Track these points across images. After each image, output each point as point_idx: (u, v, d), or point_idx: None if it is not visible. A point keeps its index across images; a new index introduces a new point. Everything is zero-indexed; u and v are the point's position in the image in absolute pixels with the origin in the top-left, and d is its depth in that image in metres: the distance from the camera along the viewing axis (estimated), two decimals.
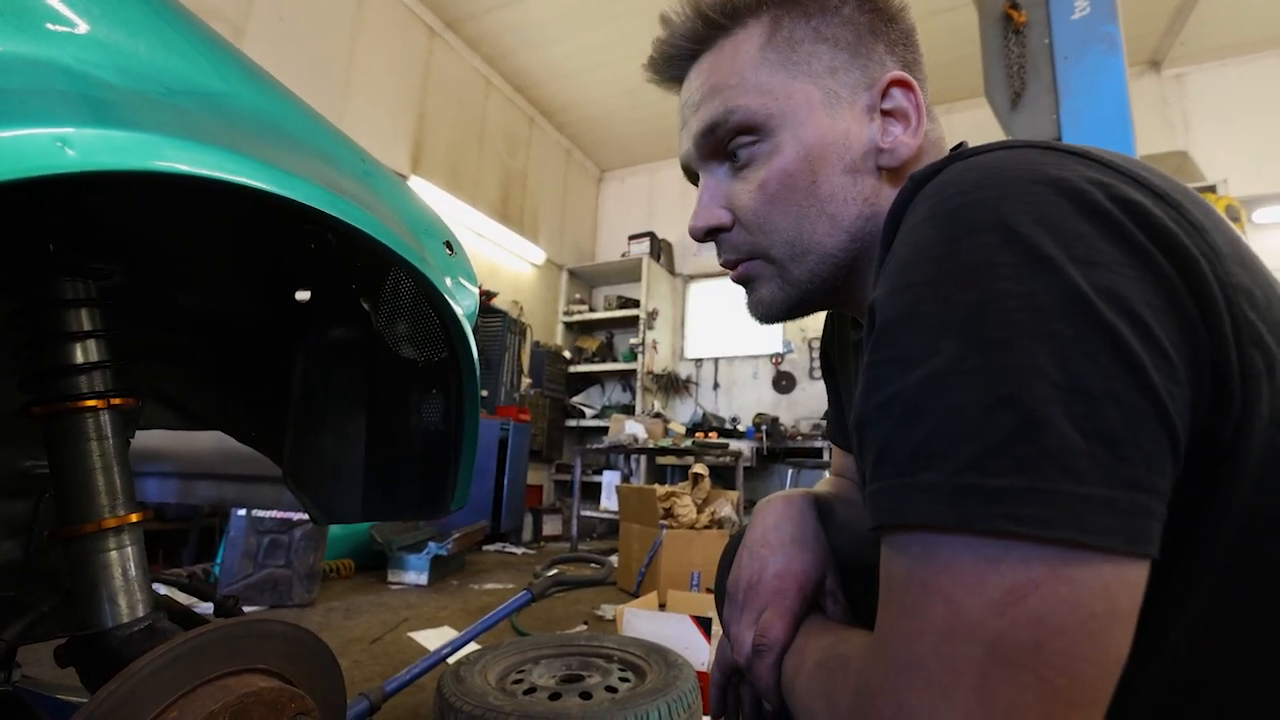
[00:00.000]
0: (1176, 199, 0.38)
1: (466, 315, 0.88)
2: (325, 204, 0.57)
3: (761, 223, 0.57)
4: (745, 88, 0.55)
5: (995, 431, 0.32)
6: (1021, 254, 0.34)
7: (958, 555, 0.32)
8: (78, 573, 0.62)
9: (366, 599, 2.65)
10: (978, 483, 0.32)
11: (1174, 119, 4.84)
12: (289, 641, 0.69)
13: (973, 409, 0.33)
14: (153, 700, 0.55)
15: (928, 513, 0.33)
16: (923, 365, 0.35)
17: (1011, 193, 0.37)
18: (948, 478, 0.33)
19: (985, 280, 0.35)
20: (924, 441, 0.34)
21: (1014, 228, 0.35)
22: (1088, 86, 2.37)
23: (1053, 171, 0.37)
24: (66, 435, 0.63)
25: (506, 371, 4.94)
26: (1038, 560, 0.31)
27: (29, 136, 0.37)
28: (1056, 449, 0.31)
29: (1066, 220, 0.35)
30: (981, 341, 0.34)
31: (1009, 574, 0.31)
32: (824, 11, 0.55)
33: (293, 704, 0.65)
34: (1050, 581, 0.30)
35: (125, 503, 0.64)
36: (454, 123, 4.99)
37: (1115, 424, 0.32)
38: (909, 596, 0.34)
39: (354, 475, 1.05)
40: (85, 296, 0.66)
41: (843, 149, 0.54)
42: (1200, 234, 0.36)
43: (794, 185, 0.55)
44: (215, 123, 0.52)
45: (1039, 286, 0.33)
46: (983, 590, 0.31)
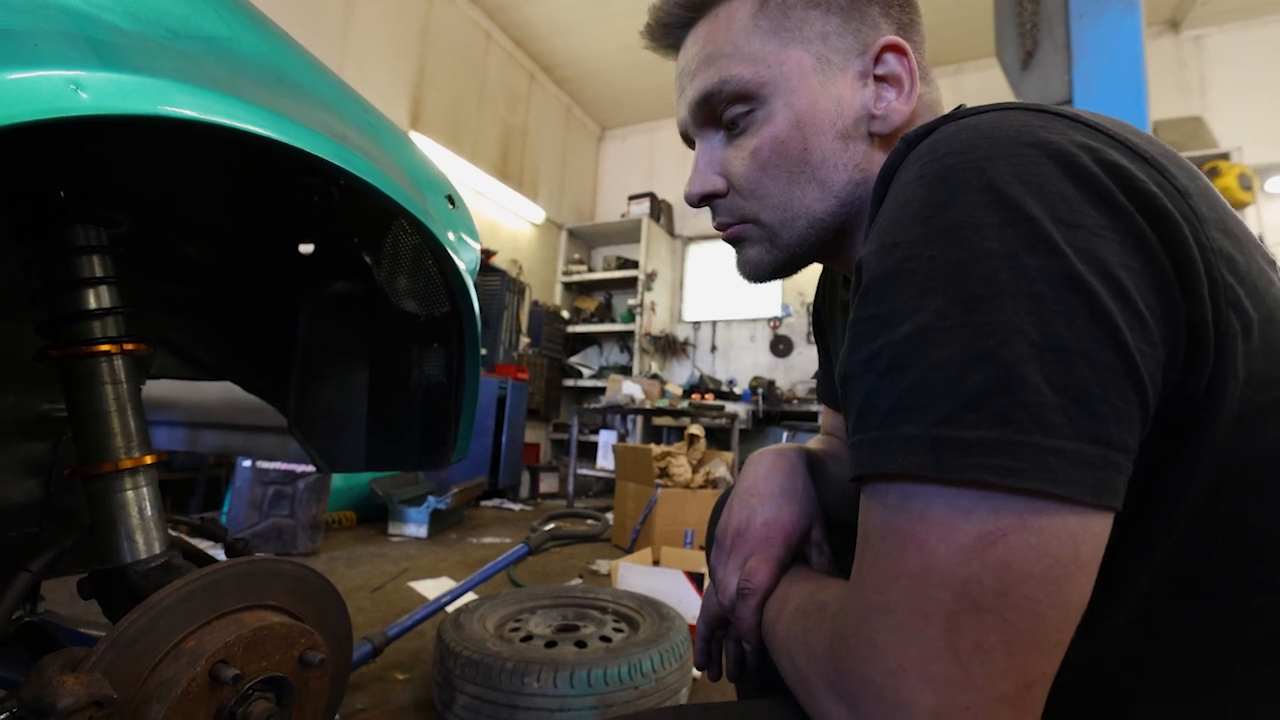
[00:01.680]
0: (1163, 164, 0.39)
1: (468, 269, 0.89)
2: (331, 154, 0.57)
3: (754, 188, 0.58)
4: (739, 56, 0.56)
5: (973, 386, 0.33)
6: (1005, 214, 0.35)
7: (931, 504, 0.34)
8: (97, 510, 0.64)
9: (368, 549, 2.71)
10: (954, 434, 0.33)
11: (1190, 82, 4.66)
12: (298, 581, 0.73)
13: (953, 364, 0.34)
14: (172, 630, 0.59)
15: (905, 462, 0.34)
16: (907, 321, 0.36)
17: (999, 154, 0.37)
18: (926, 429, 0.34)
19: (970, 239, 0.35)
20: (905, 394, 0.35)
21: (1000, 188, 0.36)
22: (1102, 47, 2.28)
23: (1041, 134, 0.38)
24: (83, 378, 0.65)
25: (505, 331, 4.95)
26: (1008, 510, 0.32)
27: (43, 78, 0.37)
28: (1030, 403, 0.32)
29: (1051, 182, 0.36)
30: (964, 299, 0.35)
31: (979, 522, 0.33)
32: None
33: (302, 639, 0.68)
34: (1018, 530, 0.32)
35: (140, 445, 0.66)
36: (453, 78, 4.90)
37: (1088, 381, 0.33)
38: (884, 544, 0.36)
39: (357, 426, 1.07)
40: (97, 243, 0.67)
41: (835, 115, 0.55)
42: (1184, 198, 0.37)
43: (786, 152, 0.55)
44: (220, 69, 0.52)
45: (1021, 247, 0.34)
46: (954, 537, 0.33)
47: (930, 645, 0.33)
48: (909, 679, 0.33)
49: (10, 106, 0.35)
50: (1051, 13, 2.41)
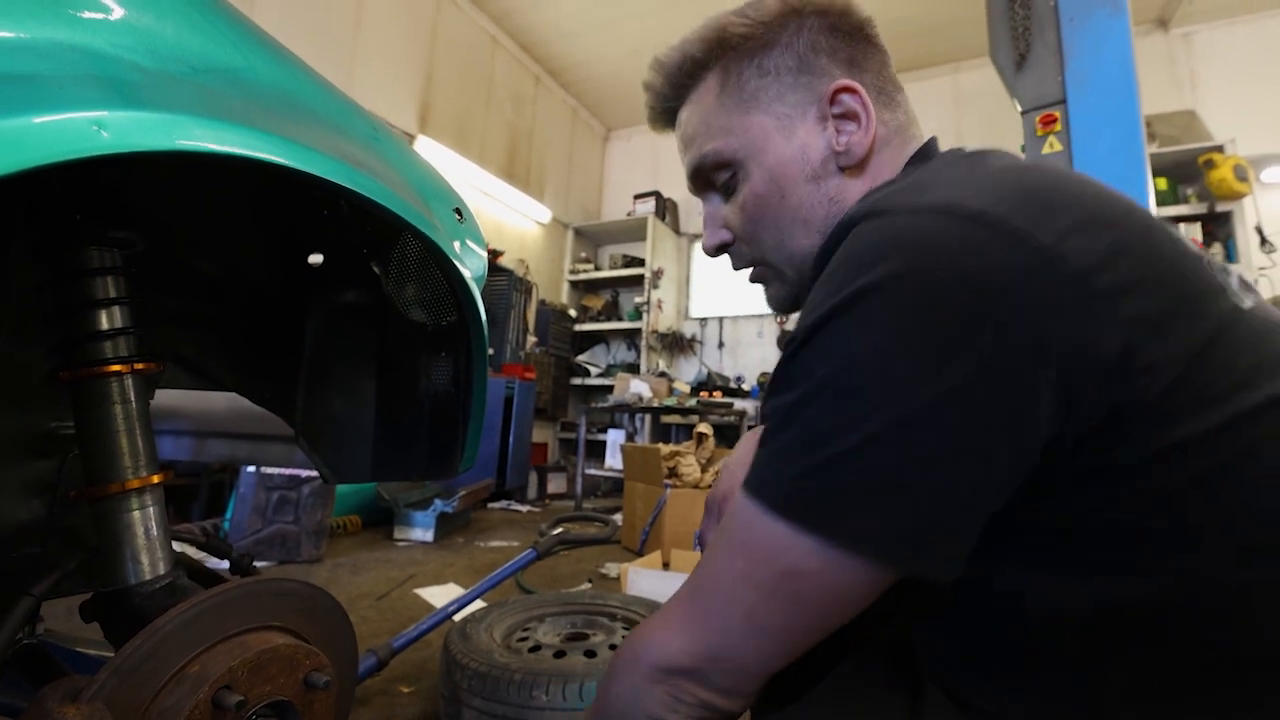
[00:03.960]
0: (1059, 252, 0.41)
1: (475, 279, 0.88)
2: (341, 177, 0.58)
3: (750, 237, 0.67)
4: (712, 132, 0.65)
5: (824, 454, 0.42)
6: (885, 318, 0.42)
7: (771, 532, 0.44)
8: (102, 531, 0.64)
9: (373, 555, 2.71)
10: (799, 487, 0.43)
11: (1182, 77, 4.72)
12: (304, 600, 0.72)
13: (819, 435, 0.43)
14: (176, 655, 0.58)
15: (767, 495, 0.45)
16: (798, 387, 0.45)
17: (890, 266, 0.43)
18: (788, 480, 0.44)
19: (855, 333, 0.43)
20: (785, 445, 0.45)
21: (886, 296, 0.42)
22: (1092, 49, 2.34)
23: (928, 259, 0.43)
24: (92, 399, 0.65)
25: (512, 330, 4.94)
26: (812, 555, 0.43)
27: (67, 120, 0.39)
28: (860, 480, 0.41)
29: (928, 299, 0.42)
30: (837, 388, 0.43)
31: (790, 561, 0.44)
32: (764, 48, 0.63)
33: (308, 660, 0.67)
34: (813, 574, 0.43)
35: (147, 464, 0.66)
36: (461, 82, 4.90)
37: (910, 473, 0.41)
38: (732, 542, 0.47)
39: (364, 436, 1.06)
40: (110, 265, 0.67)
41: (802, 163, 0.62)
42: (1078, 283, 0.41)
43: (766, 204, 0.64)
44: (236, 99, 0.54)
45: (892, 346, 0.42)
46: (772, 564, 0.44)
47: (735, 622, 0.46)
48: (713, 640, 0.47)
49: (36, 150, 0.37)
50: (1042, 16, 2.48)
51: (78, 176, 0.65)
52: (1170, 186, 3.98)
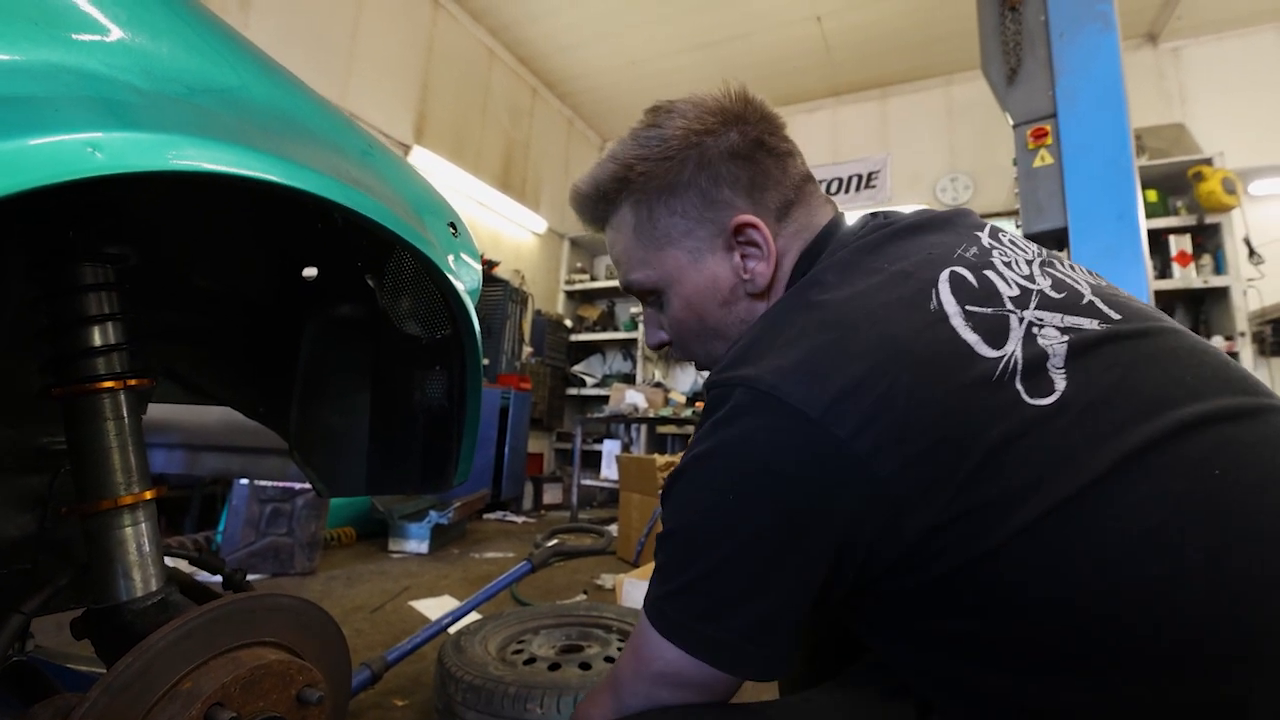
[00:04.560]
0: (828, 420, 0.50)
1: (469, 292, 0.88)
2: (335, 194, 0.58)
3: (681, 346, 0.76)
4: (633, 264, 0.73)
5: (679, 583, 0.55)
6: (712, 491, 0.54)
7: (650, 638, 0.56)
8: (94, 548, 0.63)
9: (368, 567, 2.69)
10: (664, 606, 0.56)
11: (1171, 91, 4.80)
12: (297, 615, 0.71)
13: (675, 565, 0.56)
14: (168, 672, 0.57)
15: (647, 607, 0.58)
16: (668, 522, 0.58)
17: (712, 450, 0.55)
18: (658, 598, 0.57)
19: (697, 492, 0.56)
20: (659, 569, 0.58)
21: (721, 476, 0.54)
22: (1082, 64, 2.39)
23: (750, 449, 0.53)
24: (85, 415, 0.64)
25: (508, 340, 4.95)
26: (677, 661, 0.55)
27: (63, 143, 0.40)
28: (701, 605, 0.54)
29: (734, 480, 0.53)
30: (683, 529, 0.56)
31: (664, 665, 0.56)
32: (671, 189, 0.68)
33: (301, 676, 0.66)
34: (679, 672, 0.55)
35: (140, 480, 0.65)
36: (457, 93, 4.93)
37: (734, 603, 0.53)
38: (634, 645, 0.59)
39: (358, 449, 1.06)
40: (104, 281, 0.67)
41: (713, 291, 0.70)
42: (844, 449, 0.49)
43: (687, 326, 0.73)
44: (231, 118, 0.54)
45: (722, 519, 0.53)
46: (649, 666, 0.57)
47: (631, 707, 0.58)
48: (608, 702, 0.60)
49: (32, 172, 0.38)
50: (1033, 31, 2.53)
51: (72, 194, 0.65)
52: (1160, 199, 4.02)
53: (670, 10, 4.74)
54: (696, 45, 5.08)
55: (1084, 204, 2.34)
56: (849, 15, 4.66)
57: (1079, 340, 0.53)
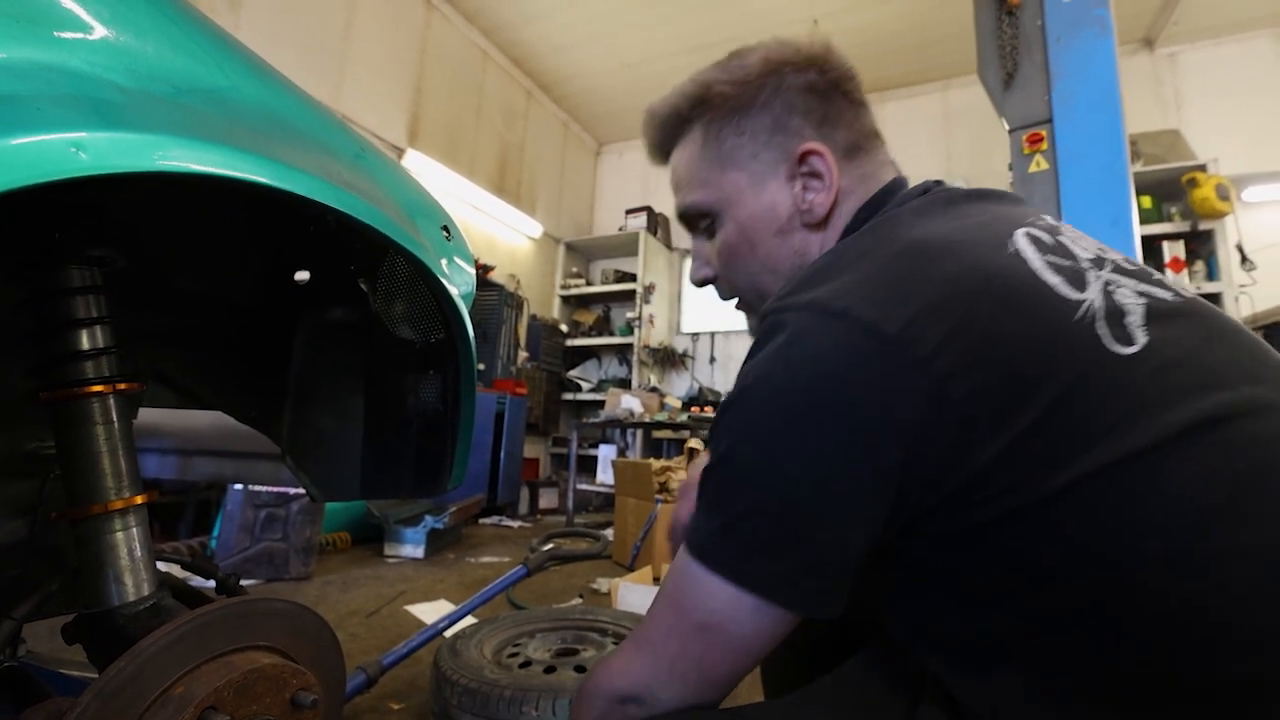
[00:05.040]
0: (908, 339, 0.48)
1: (463, 297, 0.88)
2: (326, 196, 0.58)
3: (728, 277, 0.75)
4: (693, 184, 0.72)
5: (734, 513, 0.52)
6: (775, 413, 0.51)
7: (695, 578, 0.53)
8: (85, 553, 0.63)
9: (363, 572, 2.68)
10: (716, 541, 0.52)
11: (1167, 97, 4.81)
12: (291, 619, 0.71)
13: (728, 497, 0.52)
14: (160, 676, 0.57)
15: (693, 545, 0.54)
16: (713, 454, 0.54)
17: (778, 374, 0.52)
18: (707, 534, 0.53)
19: (750, 416, 0.53)
20: (705, 506, 0.54)
21: (777, 396, 0.51)
22: (1079, 69, 2.39)
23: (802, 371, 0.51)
24: (74, 420, 0.64)
25: (503, 345, 4.94)
26: (723, 603, 0.51)
27: (45, 142, 0.39)
28: (757, 538, 0.50)
29: (810, 402, 0.50)
30: (736, 460, 0.52)
31: (704, 603, 0.52)
32: (744, 109, 0.68)
33: (294, 680, 0.66)
34: (728, 621, 0.52)
35: (130, 485, 0.65)
36: (451, 96, 4.92)
37: (796, 536, 0.50)
38: (667, 591, 0.56)
39: (352, 454, 1.06)
40: (90, 284, 0.67)
41: (771, 219, 0.69)
42: (923, 367, 0.48)
43: (739, 252, 0.71)
44: (219, 119, 0.54)
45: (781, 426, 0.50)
46: (693, 616, 0.53)
47: (663, 664, 0.55)
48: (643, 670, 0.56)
49: (13, 172, 0.37)
50: (1030, 36, 2.53)
51: (56, 195, 0.64)
52: (1154, 204, 4.04)
53: (666, 12, 4.75)
54: (693, 47, 5.08)
55: (1079, 210, 2.34)
56: (845, 18, 4.67)
57: (1155, 306, 0.53)
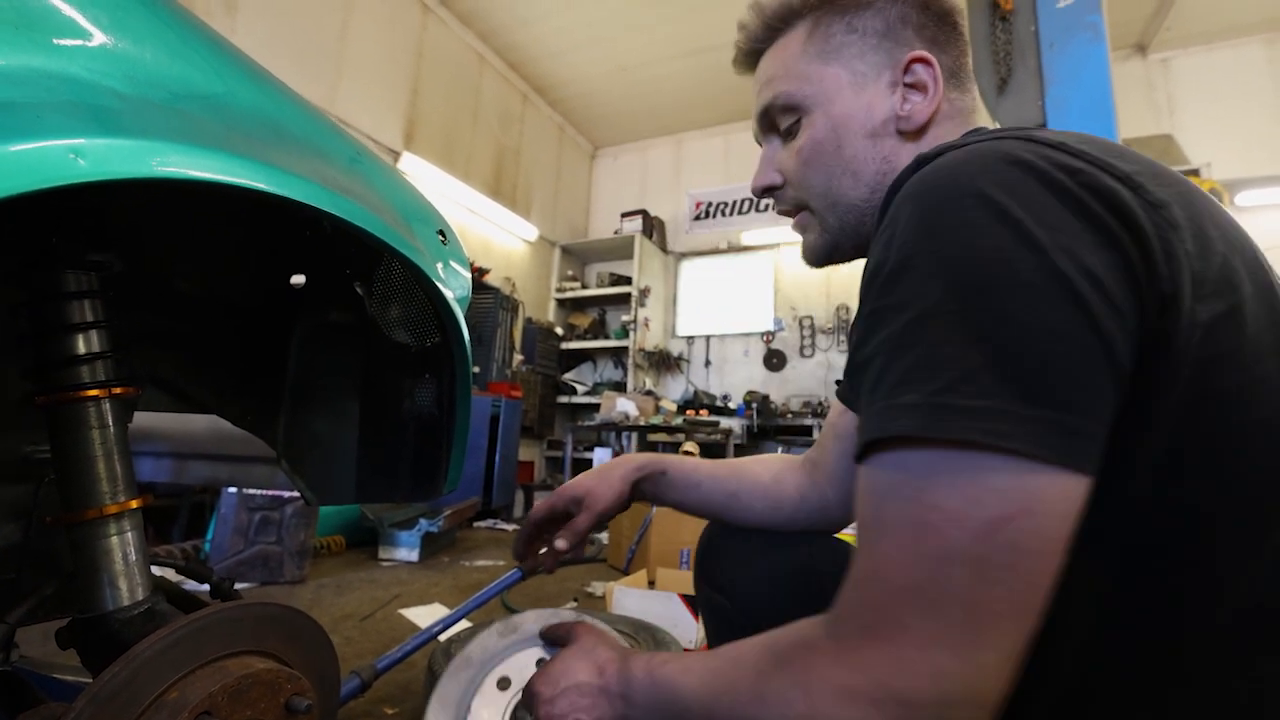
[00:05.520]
0: (1138, 181, 0.43)
1: (459, 301, 0.88)
2: (322, 201, 0.58)
3: (801, 179, 0.70)
4: (789, 76, 0.69)
5: (969, 362, 0.38)
6: (995, 216, 0.41)
7: (945, 491, 0.38)
8: (79, 557, 0.63)
9: (358, 575, 2.67)
10: (950, 401, 0.38)
11: (1160, 102, 4.87)
12: (285, 624, 0.71)
13: (951, 343, 0.39)
14: (154, 681, 0.57)
15: (907, 424, 0.39)
16: (912, 307, 0.42)
17: (988, 171, 0.43)
18: (927, 397, 0.39)
19: (966, 236, 0.41)
20: (909, 370, 0.40)
21: (989, 196, 0.42)
22: (1072, 74, 2.41)
23: (1025, 156, 0.44)
24: (69, 424, 0.64)
25: (499, 348, 4.94)
26: (1011, 490, 0.37)
27: (44, 149, 0.39)
28: (1017, 378, 0.38)
29: (1033, 193, 0.42)
30: (962, 287, 0.40)
31: (989, 507, 0.37)
32: (857, 7, 0.67)
33: (289, 685, 0.66)
34: (1022, 514, 0.37)
35: (126, 489, 0.65)
36: (447, 99, 4.94)
37: (1069, 360, 0.38)
38: (900, 530, 0.40)
39: (347, 457, 1.06)
40: (87, 288, 0.66)
41: (865, 119, 0.66)
42: (1156, 210, 0.42)
43: (823, 150, 0.67)
44: (216, 125, 0.54)
45: (1010, 244, 0.40)
46: (967, 522, 0.37)
47: (953, 619, 0.37)
48: (940, 651, 0.37)
49: (13, 179, 0.37)
50: (1024, 41, 2.55)
51: (54, 200, 0.64)
52: None
53: (662, 15, 4.77)
54: (689, 51, 5.10)
55: None
56: None
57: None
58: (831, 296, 5.68)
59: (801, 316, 5.80)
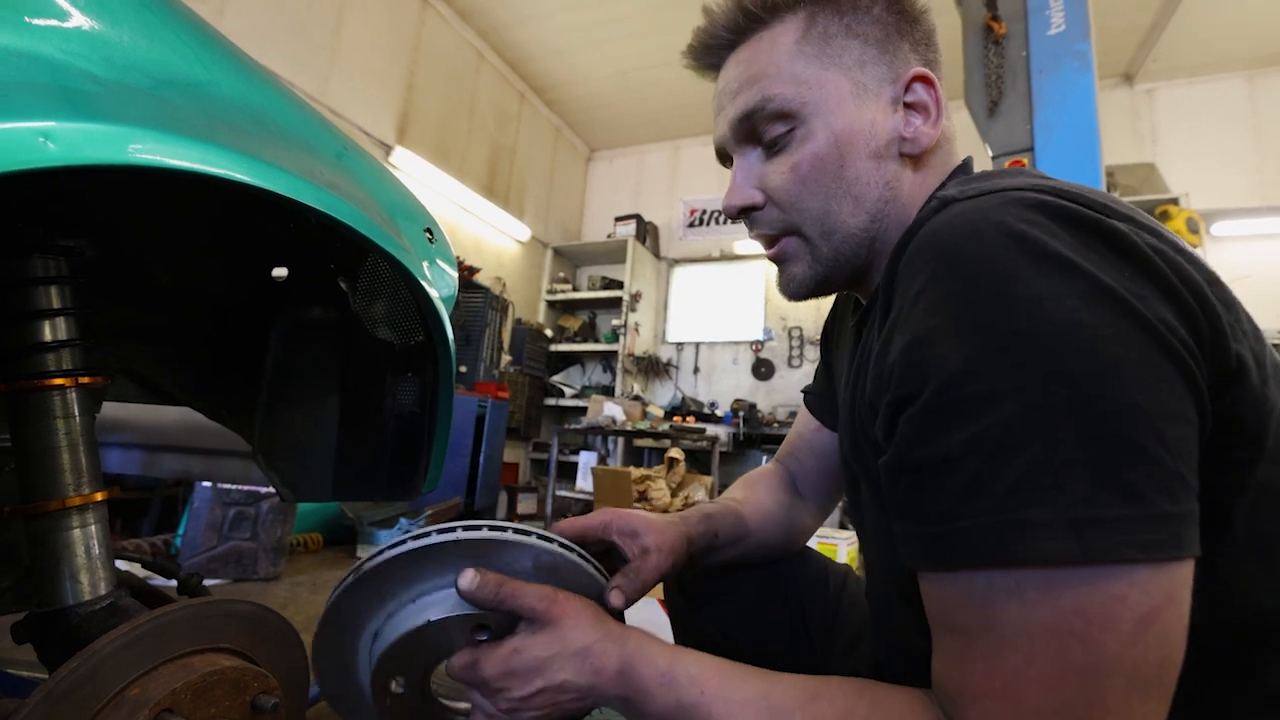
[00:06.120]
0: (1190, 254, 0.41)
1: (444, 300, 0.88)
2: (306, 195, 0.57)
3: (794, 201, 0.60)
4: (782, 77, 0.59)
5: (1100, 463, 0.34)
6: (1086, 285, 0.36)
7: (1083, 591, 0.34)
8: (39, 550, 0.61)
9: (334, 574, 2.64)
10: (1093, 514, 0.33)
11: (1144, 131, 4.98)
12: (253, 621, 0.70)
13: (1069, 443, 0.34)
14: (114, 678, 0.56)
15: (1047, 548, 0.34)
16: (1009, 400, 0.36)
17: (1057, 229, 0.39)
18: (1061, 512, 0.34)
19: (1055, 311, 0.36)
20: (1026, 476, 0.35)
21: (1073, 260, 0.37)
22: (1059, 101, 2.46)
23: (1079, 211, 0.40)
24: (32, 413, 0.62)
25: (487, 348, 4.92)
26: (1156, 584, 0.34)
27: (11, 130, 0.37)
28: (1155, 474, 0.34)
29: (1108, 256, 0.38)
30: (1067, 374, 0.35)
31: (1137, 604, 0.34)
32: (856, 9, 0.60)
33: (255, 683, 0.65)
34: (1167, 604, 0.34)
35: (90, 481, 0.63)
36: (443, 95, 4.92)
37: (1189, 444, 0.36)
38: (1034, 643, 0.35)
39: (325, 454, 1.04)
40: (55, 274, 0.65)
41: (868, 137, 0.59)
42: (1214, 286, 0.40)
43: (824, 168, 0.59)
44: (197, 113, 0.52)
45: (1109, 316, 0.36)
46: (1117, 625, 0.34)
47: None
48: None
49: None
50: (1015, 66, 2.60)
51: (22, 184, 0.63)
52: None
53: (664, 21, 4.77)
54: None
55: None
56: None
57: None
58: (822, 309, 5.44)
59: (791, 327, 5.82)
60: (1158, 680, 0.34)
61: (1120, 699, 0.34)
